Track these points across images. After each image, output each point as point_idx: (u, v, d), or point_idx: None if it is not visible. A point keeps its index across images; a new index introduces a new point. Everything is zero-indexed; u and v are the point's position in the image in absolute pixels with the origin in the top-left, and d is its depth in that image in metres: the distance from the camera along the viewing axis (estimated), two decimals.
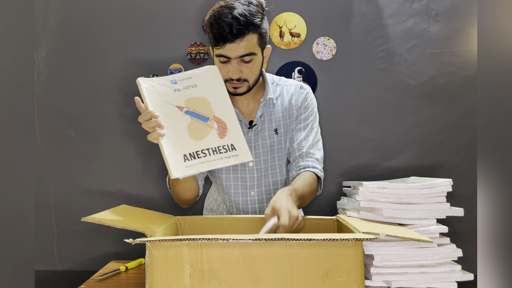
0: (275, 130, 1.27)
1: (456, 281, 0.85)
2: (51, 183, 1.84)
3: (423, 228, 0.90)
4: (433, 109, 1.72)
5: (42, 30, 1.83)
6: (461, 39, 1.70)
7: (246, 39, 1.09)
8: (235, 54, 1.10)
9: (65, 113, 1.84)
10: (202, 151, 0.98)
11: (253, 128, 1.26)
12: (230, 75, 1.13)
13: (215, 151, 0.98)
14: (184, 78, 1.06)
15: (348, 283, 0.76)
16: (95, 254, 1.83)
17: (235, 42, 1.08)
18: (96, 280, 1.00)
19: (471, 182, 1.65)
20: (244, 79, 1.15)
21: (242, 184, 1.26)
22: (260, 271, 0.75)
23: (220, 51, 1.11)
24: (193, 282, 0.76)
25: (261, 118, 1.27)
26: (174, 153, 0.95)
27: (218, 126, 1.02)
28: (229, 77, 1.14)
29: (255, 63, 1.15)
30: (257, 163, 1.26)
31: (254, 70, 1.16)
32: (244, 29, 1.07)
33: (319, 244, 0.76)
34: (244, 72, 1.14)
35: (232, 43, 1.08)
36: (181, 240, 0.75)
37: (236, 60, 1.12)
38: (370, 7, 1.74)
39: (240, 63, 1.13)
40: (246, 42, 1.10)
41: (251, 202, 1.28)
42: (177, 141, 0.96)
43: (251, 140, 1.25)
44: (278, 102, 1.29)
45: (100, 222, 0.85)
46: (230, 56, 1.11)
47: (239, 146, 1.01)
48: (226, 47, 1.09)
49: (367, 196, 0.96)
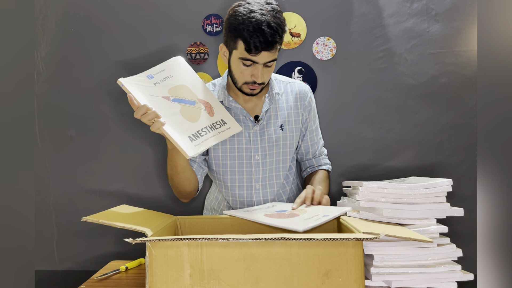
0: (281, 126, 1.31)
1: (456, 281, 0.85)
2: (51, 183, 1.84)
3: (423, 228, 0.90)
4: (433, 109, 1.72)
5: (42, 30, 1.83)
6: (461, 39, 1.70)
7: (275, 47, 1.15)
8: (264, 60, 1.15)
9: (65, 113, 1.84)
10: (202, 129, 1.06)
11: (259, 123, 1.29)
12: (254, 79, 1.18)
13: (211, 127, 1.08)
14: (158, 71, 1.13)
15: (348, 283, 0.76)
16: (95, 254, 1.83)
17: (269, 51, 1.14)
18: (96, 280, 1.00)
19: (471, 182, 1.66)
20: (262, 81, 1.20)
21: (248, 177, 1.30)
22: (260, 271, 0.75)
23: (252, 57, 1.14)
24: (193, 282, 0.76)
25: (267, 113, 1.31)
26: (180, 136, 1.01)
27: (205, 106, 1.11)
28: (252, 80, 1.19)
29: (273, 66, 1.21)
30: (263, 156, 1.29)
31: (271, 72, 1.23)
32: (278, 40, 1.13)
33: (319, 243, 0.76)
34: (265, 76, 1.20)
35: (267, 52, 1.13)
36: (181, 239, 0.75)
37: (262, 65, 1.16)
38: (370, 7, 1.74)
39: (263, 67, 1.18)
40: (275, 50, 1.16)
41: (256, 195, 1.30)
42: (178, 126, 1.03)
43: (257, 134, 1.29)
44: (283, 99, 1.34)
45: (100, 222, 0.85)
46: (260, 62, 1.15)
47: (228, 120, 1.12)
48: (258, 55, 1.13)
49: (367, 196, 0.96)
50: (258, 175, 1.29)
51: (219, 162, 1.30)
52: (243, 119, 1.28)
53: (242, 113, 1.28)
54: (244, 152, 1.28)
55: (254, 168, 1.29)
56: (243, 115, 1.28)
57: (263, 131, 1.29)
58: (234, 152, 1.28)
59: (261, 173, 1.30)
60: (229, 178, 1.30)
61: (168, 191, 1.82)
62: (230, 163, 1.29)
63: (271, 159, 1.30)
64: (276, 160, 1.31)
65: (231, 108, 1.29)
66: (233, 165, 1.29)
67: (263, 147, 1.29)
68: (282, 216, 1.03)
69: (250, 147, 1.28)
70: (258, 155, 1.29)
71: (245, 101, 1.31)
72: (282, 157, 1.32)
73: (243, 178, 1.30)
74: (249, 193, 1.30)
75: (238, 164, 1.29)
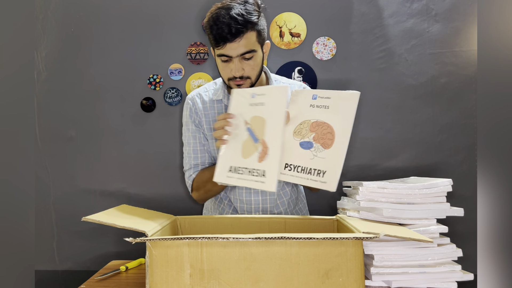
0: None
1: (456, 281, 0.85)
2: (51, 183, 1.84)
3: (423, 228, 0.90)
4: (433, 109, 1.72)
5: (42, 30, 1.83)
6: (461, 39, 1.70)
7: (245, 37, 1.13)
8: (236, 52, 1.14)
9: (65, 113, 1.84)
10: (242, 168, 1.04)
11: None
12: (233, 73, 1.18)
13: (250, 172, 1.03)
14: (260, 93, 1.07)
15: (348, 283, 0.76)
16: (95, 254, 1.83)
17: (234, 42, 1.12)
18: (96, 280, 1.00)
19: (471, 182, 1.65)
20: (246, 76, 1.19)
21: None
22: (260, 270, 0.75)
23: (221, 51, 1.14)
24: (193, 281, 0.76)
25: None
26: (225, 160, 1.05)
27: (262, 149, 1.03)
28: (232, 75, 1.18)
29: (255, 59, 1.19)
30: None
31: (255, 67, 1.20)
32: (242, 27, 1.11)
33: (319, 243, 0.76)
34: (246, 69, 1.18)
35: (232, 43, 1.12)
36: (181, 239, 0.75)
37: (238, 58, 1.15)
38: (370, 7, 1.74)
39: (241, 60, 1.17)
40: (245, 40, 1.13)
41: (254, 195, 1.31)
42: (231, 151, 1.05)
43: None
44: None
45: (100, 222, 0.85)
46: (231, 55, 1.15)
47: (269, 175, 1.01)
48: (226, 46, 1.13)
49: (367, 196, 0.96)
50: None
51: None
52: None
53: None
54: None
55: None
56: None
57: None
58: None
59: None
60: None
61: (168, 191, 1.82)
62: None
63: None
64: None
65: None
66: None
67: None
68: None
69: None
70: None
71: None
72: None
73: None
74: (248, 192, 1.31)
75: None
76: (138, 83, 1.82)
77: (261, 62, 1.24)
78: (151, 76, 1.81)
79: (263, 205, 1.32)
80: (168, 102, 1.81)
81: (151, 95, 1.81)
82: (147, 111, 1.82)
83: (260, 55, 1.21)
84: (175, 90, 1.80)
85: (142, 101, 1.81)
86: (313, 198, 1.66)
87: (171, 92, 1.80)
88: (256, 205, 1.31)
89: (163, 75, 1.81)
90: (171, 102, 1.80)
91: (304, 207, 1.51)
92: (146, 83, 1.81)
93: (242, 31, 1.11)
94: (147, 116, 1.82)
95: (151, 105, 1.81)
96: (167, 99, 1.81)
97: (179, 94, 1.80)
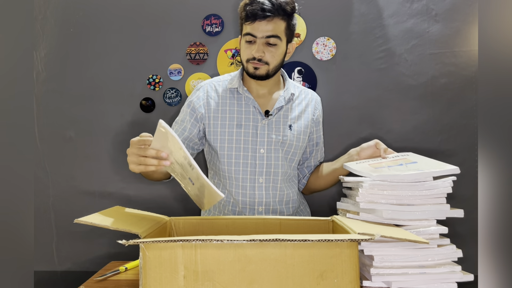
0: (290, 126, 1.35)
1: (456, 281, 0.84)
2: (50, 183, 1.84)
3: (423, 229, 0.90)
4: (433, 109, 1.71)
5: (42, 30, 1.83)
6: (461, 39, 1.70)
7: (274, 21, 1.20)
8: (262, 33, 1.20)
9: (64, 113, 1.83)
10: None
11: (268, 118, 1.32)
12: (253, 54, 1.23)
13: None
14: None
15: (343, 284, 0.75)
16: (94, 254, 1.83)
17: (264, 20, 1.18)
18: (96, 281, 0.99)
19: (471, 183, 1.65)
20: (265, 61, 1.24)
21: (251, 170, 1.32)
22: (254, 272, 0.75)
23: (249, 29, 1.21)
24: (187, 283, 0.75)
25: (279, 111, 1.35)
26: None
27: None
28: (252, 55, 1.24)
29: (278, 49, 1.24)
30: (268, 151, 1.32)
31: (277, 56, 1.25)
32: (274, 10, 1.18)
33: (314, 245, 0.75)
34: (267, 54, 1.24)
35: (261, 21, 1.19)
36: (175, 241, 0.74)
37: (262, 41, 1.22)
38: (370, 7, 1.73)
39: (264, 45, 1.23)
40: (274, 25, 1.20)
41: (258, 189, 1.31)
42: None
43: (264, 128, 1.32)
44: (296, 102, 1.39)
45: (93, 224, 0.84)
46: (257, 35, 1.21)
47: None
48: (255, 24, 1.20)
49: (367, 198, 0.95)
50: (262, 168, 1.31)
51: (224, 153, 1.33)
52: (252, 111, 1.33)
53: (253, 103, 1.33)
54: (250, 144, 1.31)
55: (258, 161, 1.31)
56: (254, 106, 1.33)
57: (272, 126, 1.33)
58: (240, 143, 1.31)
59: (265, 167, 1.31)
60: (234, 170, 1.32)
61: (168, 191, 1.81)
62: (235, 154, 1.32)
63: (276, 155, 1.32)
64: (281, 157, 1.33)
65: (243, 96, 1.33)
66: (238, 156, 1.32)
67: (269, 141, 1.32)
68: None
69: (256, 140, 1.31)
70: (264, 149, 1.31)
71: (258, 96, 1.35)
72: (286, 156, 1.35)
73: (247, 170, 1.31)
74: (252, 186, 1.31)
75: (243, 155, 1.31)
76: (137, 84, 1.81)
77: (283, 56, 1.28)
78: (150, 76, 1.81)
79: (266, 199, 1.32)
80: (167, 102, 1.80)
81: (150, 96, 1.81)
82: (147, 112, 1.81)
83: (283, 48, 1.26)
84: (174, 90, 1.80)
85: (142, 102, 1.81)
86: (313, 199, 1.66)
87: (170, 92, 1.80)
88: (260, 191, 1.31)
89: (163, 76, 1.80)
90: (171, 102, 1.80)
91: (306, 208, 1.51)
92: (146, 83, 1.81)
93: (273, 14, 1.18)
94: (146, 116, 1.82)
95: (151, 105, 1.81)
96: (166, 100, 1.80)
97: (178, 95, 1.80)
